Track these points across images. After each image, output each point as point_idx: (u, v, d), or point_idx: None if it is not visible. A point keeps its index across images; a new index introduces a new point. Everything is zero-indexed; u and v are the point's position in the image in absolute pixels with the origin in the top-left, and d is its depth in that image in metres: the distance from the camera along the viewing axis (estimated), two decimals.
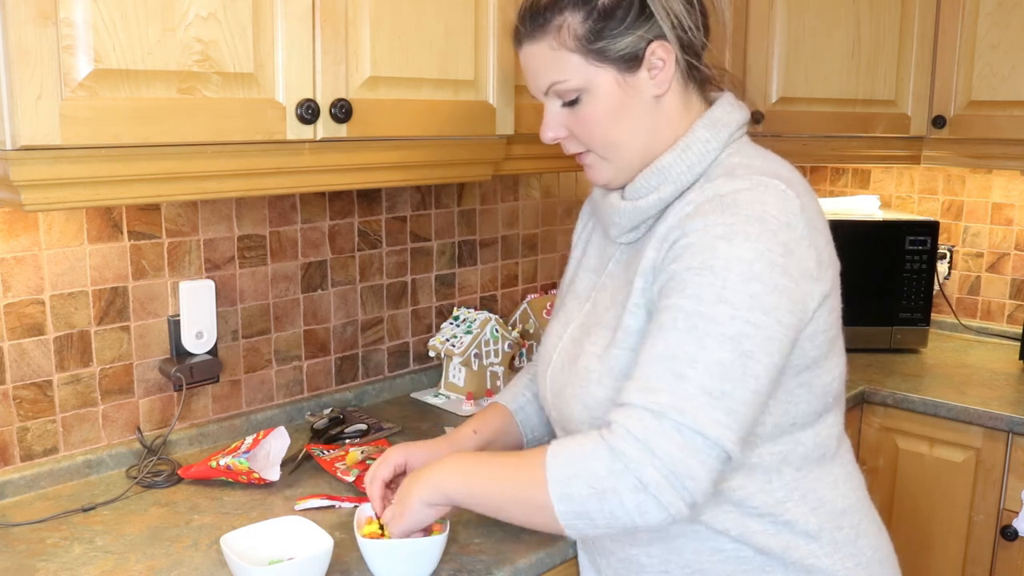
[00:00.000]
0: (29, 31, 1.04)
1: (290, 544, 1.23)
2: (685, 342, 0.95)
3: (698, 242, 0.98)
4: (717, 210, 0.99)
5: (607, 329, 1.11)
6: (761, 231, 0.97)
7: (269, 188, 1.36)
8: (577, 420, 1.12)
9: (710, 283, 0.96)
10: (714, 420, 0.93)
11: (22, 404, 1.48)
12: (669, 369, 0.95)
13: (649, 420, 0.94)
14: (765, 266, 0.96)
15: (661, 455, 0.92)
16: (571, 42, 1.07)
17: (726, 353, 0.94)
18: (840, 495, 1.12)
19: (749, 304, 0.95)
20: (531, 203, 2.27)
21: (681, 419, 0.93)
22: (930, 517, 2.10)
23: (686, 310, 0.96)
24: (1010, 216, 2.54)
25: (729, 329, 0.95)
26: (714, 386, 0.94)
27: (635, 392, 0.96)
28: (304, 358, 1.86)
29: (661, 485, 0.93)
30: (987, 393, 2.10)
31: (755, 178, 1.02)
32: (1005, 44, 2.13)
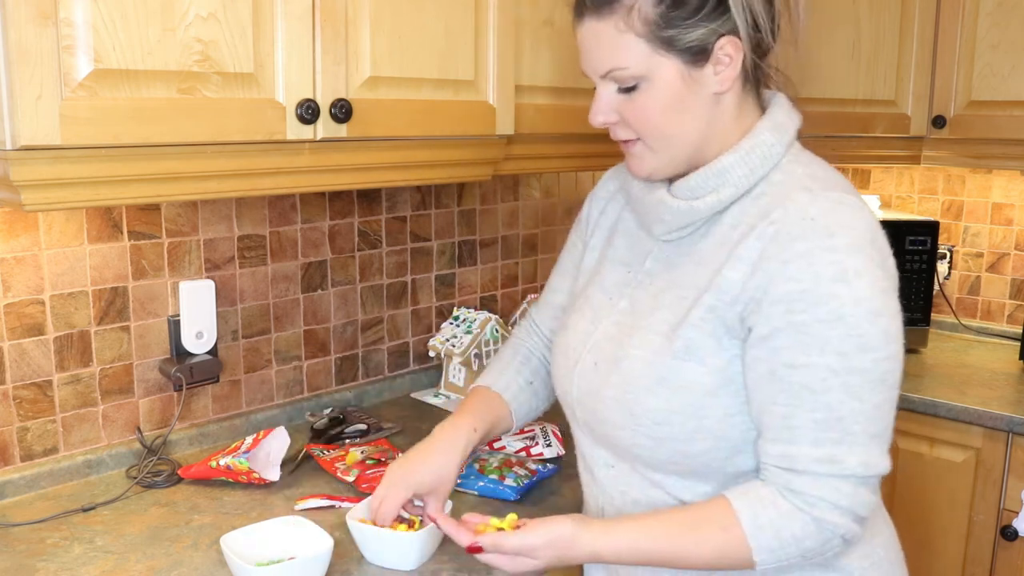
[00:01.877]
0: (29, 31, 1.04)
1: (290, 544, 1.23)
2: (843, 401, 0.98)
3: (813, 289, 0.97)
4: (812, 238, 0.98)
5: (655, 335, 1.07)
6: (864, 261, 0.98)
7: (269, 188, 1.36)
8: (616, 424, 1.10)
9: (847, 335, 0.97)
10: (883, 455, 1.01)
11: (22, 404, 1.48)
12: (839, 431, 0.98)
13: (843, 487, 0.99)
14: (881, 297, 0.99)
15: (859, 510, 1.00)
16: (640, 26, 1.01)
17: (880, 395, 1.00)
18: None
19: (884, 340, 0.99)
20: (531, 203, 2.27)
21: (867, 472, 0.99)
22: (930, 517, 2.10)
23: (834, 368, 0.98)
24: (1010, 216, 2.54)
25: (876, 374, 0.99)
26: (876, 428, 1.00)
27: (815, 463, 0.99)
28: (304, 358, 1.86)
29: (857, 530, 1.02)
30: (987, 393, 2.10)
31: (832, 195, 1.02)
32: (1005, 44, 2.13)
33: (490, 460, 1.56)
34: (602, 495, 1.19)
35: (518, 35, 1.60)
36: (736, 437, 1.04)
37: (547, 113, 1.70)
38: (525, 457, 1.61)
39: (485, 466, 1.53)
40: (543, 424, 1.71)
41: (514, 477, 1.49)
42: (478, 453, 1.60)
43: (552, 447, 1.64)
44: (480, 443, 1.27)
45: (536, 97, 1.68)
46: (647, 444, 1.07)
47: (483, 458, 1.57)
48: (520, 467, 1.53)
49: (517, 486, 1.47)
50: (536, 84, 1.68)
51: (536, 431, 1.68)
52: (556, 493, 1.51)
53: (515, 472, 1.51)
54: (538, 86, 1.68)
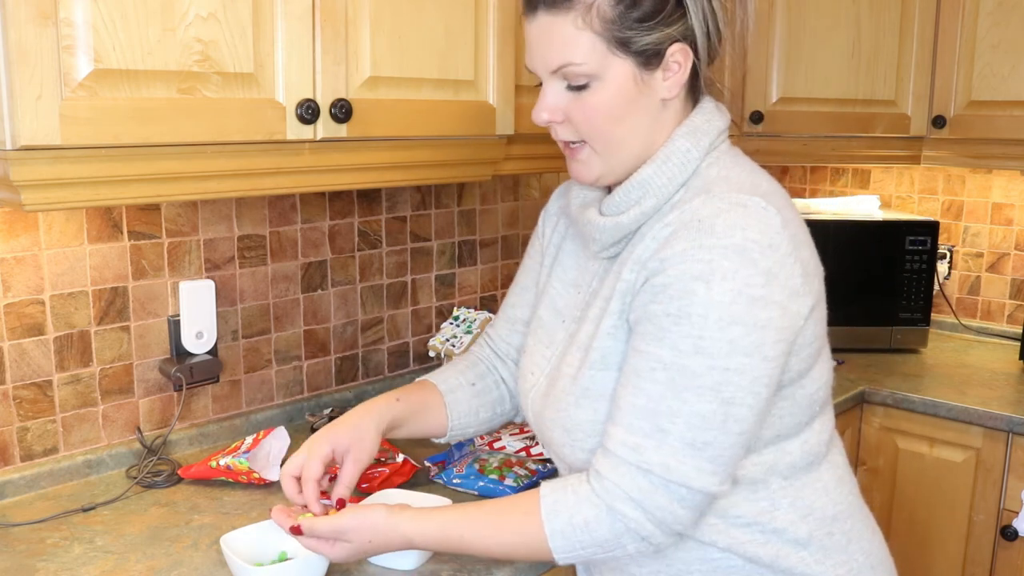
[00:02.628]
0: (29, 31, 1.04)
1: (290, 544, 1.22)
2: (665, 396, 0.96)
3: (676, 283, 0.96)
4: (695, 237, 0.96)
5: (579, 350, 1.09)
6: (740, 264, 0.95)
7: (269, 188, 1.36)
8: (558, 443, 1.11)
9: (687, 333, 0.95)
10: (698, 470, 0.97)
11: (22, 404, 1.48)
12: (652, 423, 0.97)
13: (640, 479, 0.97)
14: (744, 306, 0.95)
15: (654, 510, 0.98)
16: (598, 24, 1.00)
17: (706, 404, 0.96)
18: (831, 501, 1.10)
19: (727, 351, 0.95)
20: (531, 203, 2.27)
21: (668, 476, 0.97)
22: (930, 517, 2.10)
23: (664, 361, 0.96)
24: (1010, 216, 2.54)
25: (707, 380, 0.95)
26: (695, 437, 0.96)
27: (621, 446, 0.99)
28: (304, 358, 1.86)
29: (656, 534, 0.99)
30: (987, 393, 2.10)
31: (734, 197, 0.99)
32: (1005, 44, 2.13)
33: (490, 460, 1.56)
34: None
35: (518, 35, 1.60)
36: None
37: None
38: (525, 457, 1.61)
39: (485, 466, 1.53)
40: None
41: (514, 477, 1.49)
42: (478, 453, 1.60)
43: None
44: (405, 418, 1.24)
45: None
46: (585, 458, 1.07)
47: (483, 458, 1.57)
48: (520, 467, 1.53)
49: (517, 486, 1.47)
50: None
51: None
52: None
53: (515, 472, 1.51)
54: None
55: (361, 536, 1.08)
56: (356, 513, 1.09)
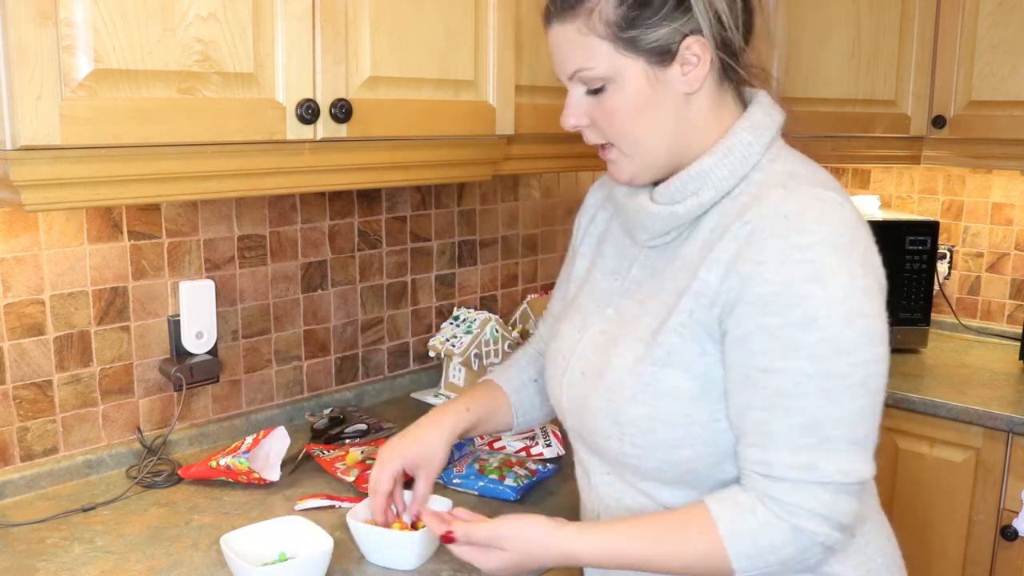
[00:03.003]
0: (29, 31, 1.04)
1: (290, 544, 1.23)
2: (820, 407, 0.96)
3: (785, 291, 0.95)
4: (786, 236, 0.96)
5: (638, 343, 1.07)
6: (840, 260, 0.96)
7: (269, 188, 1.36)
8: (603, 434, 1.09)
9: (822, 338, 0.95)
10: (865, 461, 0.99)
11: (22, 404, 1.48)
12: (815, 436, 0.96)
13: (822, 494, 0.97)
14: (859, 298, 0.96)
15: (840, 517, 0.98)
16: (601, 28, 1.01)
17: (859, 400, 0.97)
18: None
19: (862, 343, 0.96)
20: (531, 203, 2.27)
21: (846, 480, 0.97)
22: (930, 517, 2.10)
23: (808, 373, 0.95)
24: (1010, 216, 2.54)
25: (855, 378, 0.96)
26: (856, 434, 0.98)
27: (792, 470, 0.97)
28: (304, 358, 1.86)
29: (839, 537, 1.00)
30: (987, 393, 2.10)
31: (811, 192, 0.99)
32: (1005, 44, 2.13)
33: (490, 460, 1.56)
34: (598, 501, 1.18)
35: (518, 35, 1.60)
36: (723, 443, 1.03)
37: (547, 113, 1.70)
38: (525, 457, 1.61)
39: (485, 466, 1.53)
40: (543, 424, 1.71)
41: (514, 477, 1.49)
42: (478, 453, 1.60)
43: (552, 447, 1.64)
44: (475, 425, 1.27)
45: (536, 97, 1.68)
46: (634, 453, 1.07)
47: (483, 458, 1.57)
48: (520, 467, 1.54)
49: (517, 486, 1.47)
50: (536, 84, 1.68)
51: (536, 431, 1.68)
52: (556, 493, 1.51)
53: (515, 472, 1.51)
54: (538, 86, 1.68)
55: (517, 545, 1.05)
56: (515, 522, 1.07)
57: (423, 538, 1.22)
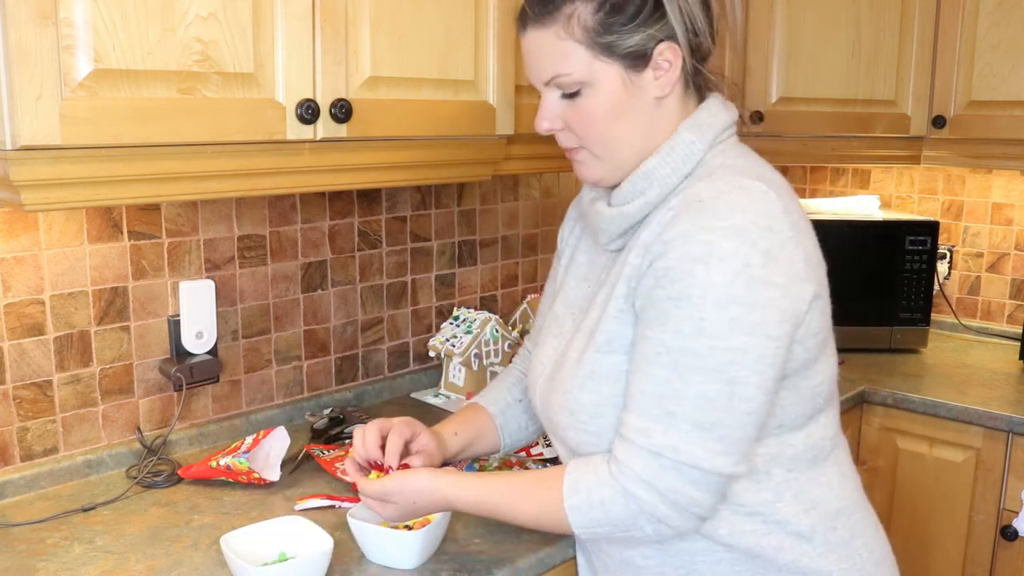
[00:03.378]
0: (29, 31, 1.04)
1: (290, 544, 1.23)
2: (670, 379, 0.98)
3: (676, 266, 0.98)
4: (695, 218, 0.98)
5: (584, 334, 1.11)
6: (739, 244, 0.96)
7: (269, 188, 1.36)
8: (563, 426, 1.13)
9: (689, 315, 0.97)
10: (708, 451, 0.98)
11: (22, 404, 1.48)
12: (659, 407, 0.99)
13: (651, 461, 0.99)
14: (744, 285, 0.96)
15: (667, 492, 0.99)
16: (579, 33, 1.04)
17: (710, 385, 0.97)
18: (835, 495, 1.11)
19: (729, 330, 0.96)
20: (531, 203, 2.27)
21: (677, 457, 0.98)
22: (930, 517, 2.10)
23: (668, 345, 0.98)
24: (1010, 216, 2.54)
25: (710, 361, 0.97)
26: (703, 418, 0.98)
27: (633, 432, 1.01)
28: (304, 358, 1.86)
29: (672, 516, 1.01)
30: (987, 393, 2.10)
31: (736, 180, 1.01)
32: (1005, 44, 2.13)
33: (490, 460, 1.56)
34: None
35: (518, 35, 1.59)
36: None
37: None
38: (525, 457, 1.61)
39: (485, 466, 1.53)
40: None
41: None
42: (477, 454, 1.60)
43: (552, 447, 1.64)
44: (463, 450, 1.31)
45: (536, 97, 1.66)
46: (588, 440, 1.09)
47: (483, 458, 1.57)
48: (520, 467, 1.53)
49: None
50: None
51: None
52: None
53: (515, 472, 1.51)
54: None
55: (406, 498, 1.14)
56: (401, 477, 1.15)
57: (423, 538, 1.22)
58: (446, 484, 1.13)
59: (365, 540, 1.24)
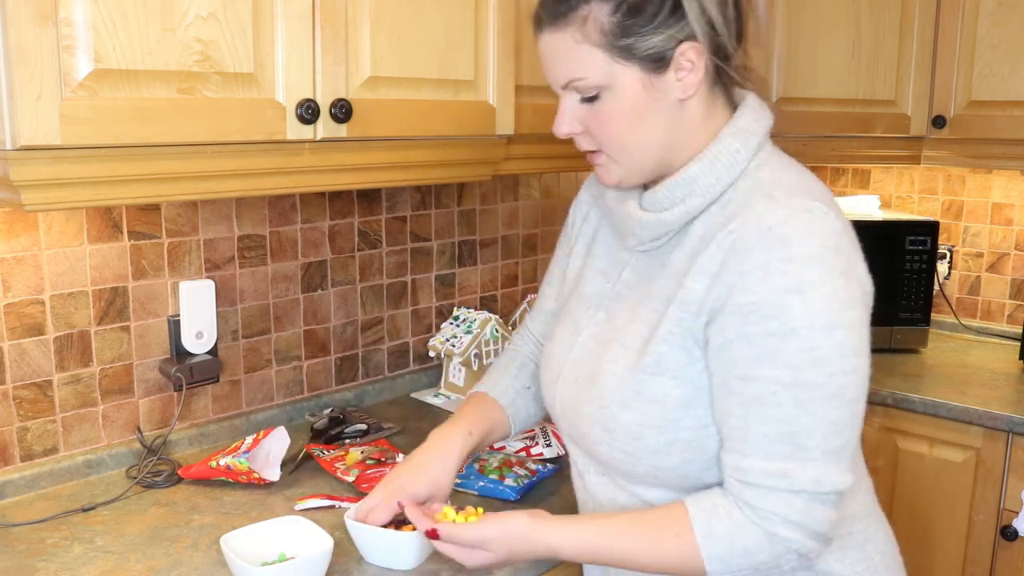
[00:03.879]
0: (29, 31, 1.04)
1: (290, 544, 1.23)
2: (795, 416, 0.96)
3: (769, 300, 0.95)
4: (771, 247, 0.96)
5: (629, 350, 1.07)
6: (822, 272, 0.96)
7: (269, 188, 1.36)
8: (594, 440, 1.10)
9: (798, 348, 0.95)
10: (840, 472, 0.98)
11: (22, 404, 1.48)
12: (790, 445, 0.97)
13: (795, 501, 0.97)
14: (838, 309, 0.96)
15: (814, 526, 0.98)
16: (596, 36, 1.00)
17: (835, 411, 0.97)
18: (851, 500, 1.10)
19: (840, 354, 0.96)
20: (531, 203, 2.27)
21: (819, 489, 0.97)
22: (930, 517, 2.10)
23: (784, 381, 0.96)
24: (1010, 216, 2.54)
25: (831, 389, 0.96)
26: (832, 444, 0.97)
27: (766, 477, 0.98)
28: (304, 358, 1.86)
29: (816, 547, 1.00)
30: (987, 393, 2.09)
31: (796, 202, 0.99)
32: (1005, 44, 2.13)
33: (490, 460, 1.56)
34: (592, 501, 1.19)
35: (518, 35, 1.60)
36: (711, 448, 1.04)
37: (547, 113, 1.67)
38: (525, 457, 1.61)
39: (485, 466, 1.53)
40: (543, 424, 1.71)
41: (514, 477, 1.49)
42: (478, 453, 1.60)
43: (552, 447, 1.64)
44: (476, 448, 1.27)
45: (536, 97, 1.68)
46: (623, 458, 1.07)
47: (483, 458, 1.57)
48: (520, 467, 1.53)
49: (517, 486, 1.47)
50: (536, 84, 1.67)
51: (536, 431, 1.68)
52: (556, 493, 1.51)
53: (515, 472, 1.51)
54: (538, 86, 1.67)
55: (502, 547, 1.07)
56: (498, 522, 1.08)
57: (421, 538, 1.22)
58: (549, 531, 1.06)
59: (363, 541, 1.24)
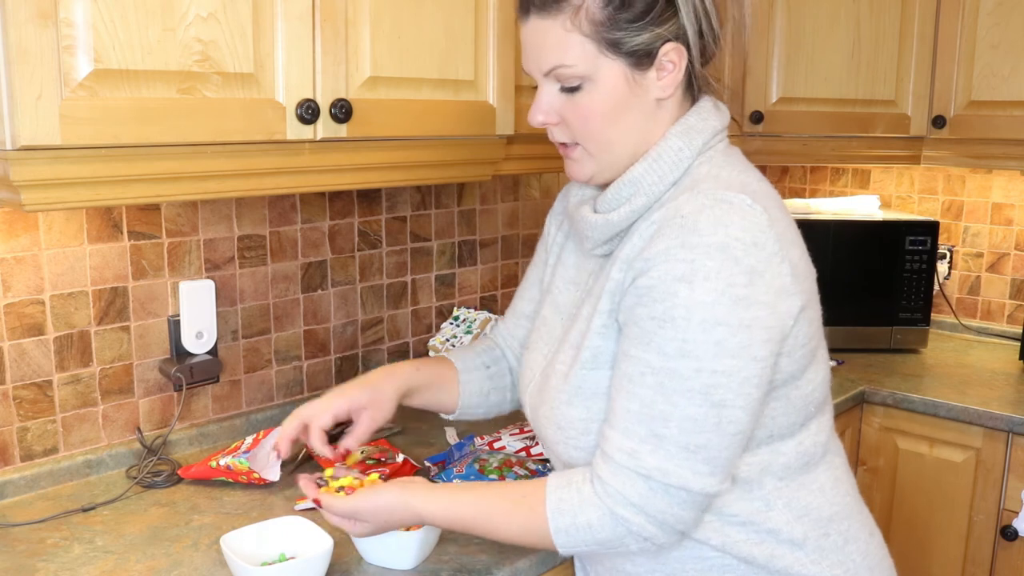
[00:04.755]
0: (29, 31, 1.04)
1: (290, 544, 1.23)
2: (656, 400, 0.96)
3: (659, 284, 0.96)
4: (678, 235, 0.96)
5: (571, 348, 1.10)
6: (722, 263, 0.94)
7: (269, 188, 1.36)
8: (552, 440, 1.12)
9: (672, 337, 0.95)
10: (695, 473, 0.97)
11: (22, 404, 1.48)
12: (646, 427, 0.97)
13: (639, 484, 0.98)
14: (728, 306, 0.94)
15: (655, 513, 0.98)
16: (587, 26, 1.00)
17: (696, 408, 0.95)
18: (827, 501, 1.10)
19: (714, 352, 0.94)
20: (531, 203, 2.27)
21: (666, 480, 0.97)
22: (930, 517, 2.10)
23: (653, 365, 0.96)
24: (1010, 216, 2.54)
25: (696, 384, 0.95)
26: (689, 440, 0.96)
27: (619, 452, 0.99)
28: (304, 358, 1.86)
29: (658, 535, 1.00)
30: (987, 393, 2.10)
31: (719, 194, 0.98)
32: (1005, 44, 2.13)
33: (490, 460, 1.56)
34: None
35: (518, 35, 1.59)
36: None
37: None
38: (525, 457, 1.61)
39: (485, 466, 1.53)
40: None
41: (514, 477, 1.49)
42: (478, 453, 1.60)
43: None
44: (421, 388, 1.29)
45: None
46: (578, 455, 1.08)
47: (483, 458, 1.57)
48: (520, 467, 1.54)
49: None
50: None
51: None
52: None
53: (515, 472, 1.51)
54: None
55: (377, 516, 1.11)
56: (370, 495, 1.11)
57: (420, 539, 1.22)
58: (417, 500, 1.10)
59: (362, 541, 1.24)
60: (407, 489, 1.11)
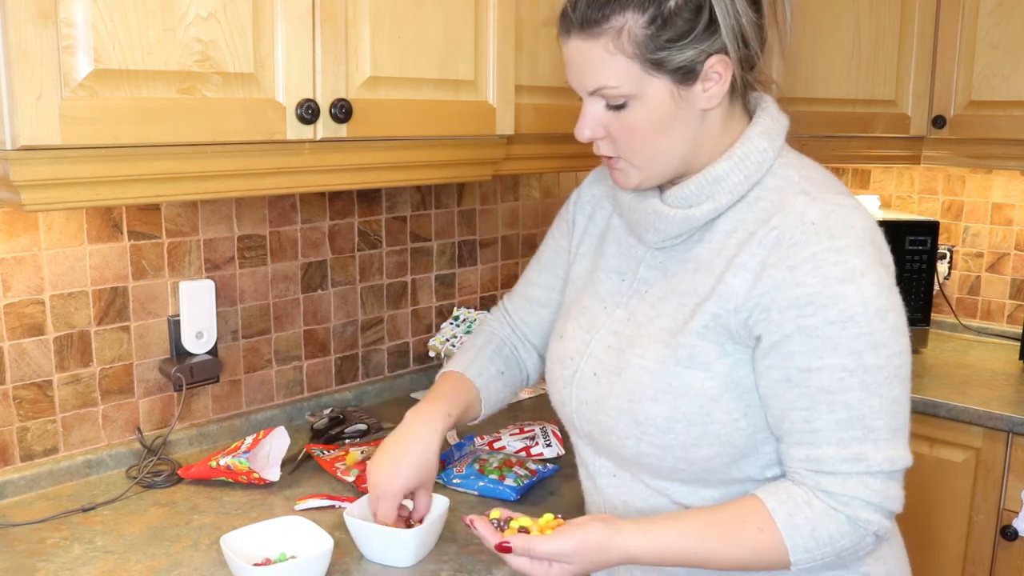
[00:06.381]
0: (29, 31, 1.04)
1: (290, 544, 1.23)
2: (863, 399, 0.99)
3: (822, 290, 0.98)
4: (819, 241, 0.99)
5: (657, 343, 1.07)
6: (867, 260, 1.00)
7: (269, 188, 1.36)
8: (621, 434, 1.10)
9: (858, 333, 0.98)
10: (906, 448, 1.02)
11: (22, 404, 1.48)
12: (861, 429, 0.99)
13: (872, 482, 1.00)
14: (887, 294, 1.01)
15: (890, 505, 1.02)
16: (630, 47, 1.00)
17: (896, 390, 1.01)
18: None
19: (894, 335, 1.00)
20: (531, 203, 2.27)
21: (893, 467, 1.01)
22: (930, 517, 2.10)
23: (849, 368, 0.99)
24: (1010, 216, 2.54)
25: (890, 370, 1.00)
26: (896, 422, 1.01)
27: (842, 463, 1.00)
28: (304, 358, 1.86)
29: (888, 524, 1.03)
30: (987, 393, 2.10)
31: (829, 197, 1.03)
32: (1005, 44, 2.13)
33: (490, 460, 1.56)
34: (604, 503, 1.19)
35: (518, 35, 1.60)
36: (740, 442, 1.05)
37: (547, 113, 1.70)
38: (525, 457, 1.61)
39: (485, 466, 1.53)
40: (543, 424, 1.71)
41: (514, 477, 1.49)
42: (478, 453, 1.60)
43: (552, 447, 1.64)
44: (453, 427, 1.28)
45: (536, 97, 1.68)
46: (652, 452, 1.07)
47: (483, 458, 1.57)
48: (520, 467, 1.53)
49: (517, 486, 1.47)
50: (536, 84, 1.68)
51: (536, 431, 1.68)
52: (556, 493, 1.51)
53: (515, 472, 1.51)
54: (538, 86, 1.68)
55: (584, 556, 1.03)
56: (575, 533, 1.03)
57: (420, 536, 1.22)
58: (626, 540, 1.03)
59: (362, 538, 1.24)
60: (612, 526, 1.03)
